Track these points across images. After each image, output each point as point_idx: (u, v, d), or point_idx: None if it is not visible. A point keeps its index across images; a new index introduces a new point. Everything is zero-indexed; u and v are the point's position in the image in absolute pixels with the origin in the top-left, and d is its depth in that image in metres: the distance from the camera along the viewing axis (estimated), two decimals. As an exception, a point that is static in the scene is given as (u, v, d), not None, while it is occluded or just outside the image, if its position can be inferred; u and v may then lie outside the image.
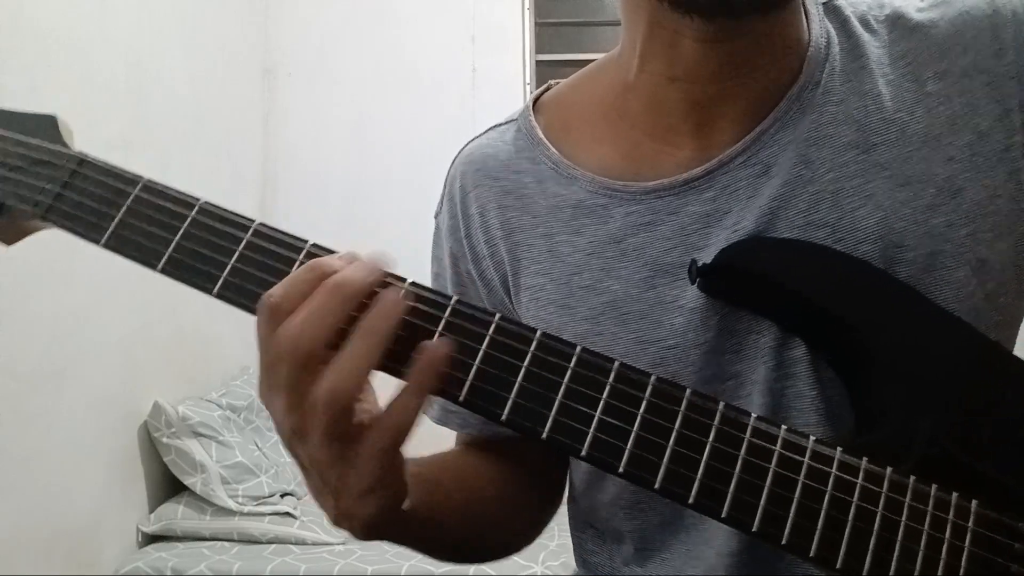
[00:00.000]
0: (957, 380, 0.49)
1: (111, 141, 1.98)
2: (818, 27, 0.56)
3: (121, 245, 0.47)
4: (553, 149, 0.61)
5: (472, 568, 1.99)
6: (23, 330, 1.76)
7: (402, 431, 0.43)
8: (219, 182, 2.60)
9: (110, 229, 0.47)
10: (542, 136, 0.62)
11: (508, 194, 0.62)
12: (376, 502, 0.45)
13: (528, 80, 2.95)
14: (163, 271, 0.46)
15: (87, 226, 0.47)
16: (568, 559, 2.29)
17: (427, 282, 0.60)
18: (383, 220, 2.76)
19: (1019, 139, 0.52)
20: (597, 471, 0.59)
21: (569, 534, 0.70)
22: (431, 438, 0.71)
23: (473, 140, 0.68)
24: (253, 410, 2.43)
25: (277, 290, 0.42)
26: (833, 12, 0.58)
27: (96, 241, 0.47)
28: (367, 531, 0.47)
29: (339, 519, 0.47)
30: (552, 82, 0.67)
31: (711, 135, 0.56)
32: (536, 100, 0.66)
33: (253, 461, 2.23)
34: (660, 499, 0.58)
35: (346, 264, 0.43)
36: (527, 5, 2.98)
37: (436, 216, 0.69)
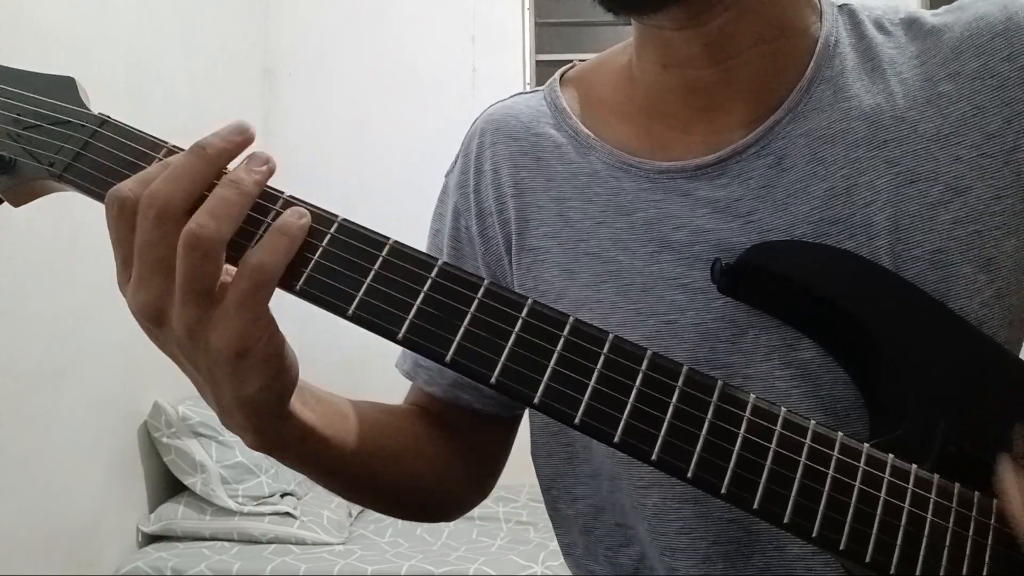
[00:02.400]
0: (970, 383, 0.50)
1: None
2: (831, 25, 0.58)
3: None
4: (575, 119, 0.63)
5: (472, 568, 1.99)
6: (23, 330, 1.76)
7: (267, 271, 0.41)
8: (219, 182, 2.60)
9: None
10: (566, 106, 0.64)
11: (525, 154, 0.64)
12: (254, 372, 0.43)
13: (528, 80, 2.95)
14: None
15: (107, 189, 0.45)
16: (568, 559, 2.25)
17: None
18: (383, 220, 2.74)
19: None
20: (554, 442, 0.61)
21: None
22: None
23: (498, 102, 0.69)
24: (253, 410, 2.43)
25: (128, 183, 0.43)
26: (848, 14, 0.59)
27: None
28: (254, 427, 0.46)
29: (224, 413, 0.46)
30: (577, 60, 0.69)
31: (718, 119, 0.57)
32: (562, 76, 0.68)
33: (253, 461, 2.23)
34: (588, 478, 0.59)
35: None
36: (527, 5, 2.98)
37: (447, 175, 0.70)
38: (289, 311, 0.60)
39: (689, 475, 0.42)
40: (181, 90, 2.38)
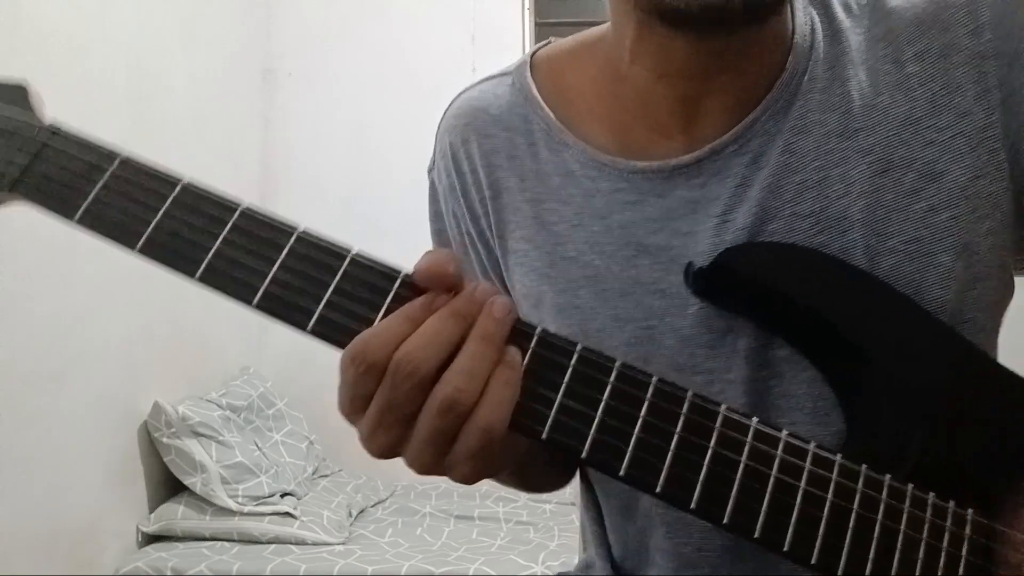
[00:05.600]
0: (949, 390, 0.49)
1: (111, 141, 1.97)
2: (802, 15, 0.56)
3: (96, 223, 0.44)
4: (547, 110, 0.60)
5: (472, 568, 1.99)
6: (23, 330, 1.76)
7: (496, 431, 0.41)
8: (219, 182, 2.58)
9: (84, 205, 0.44)
10: (536, 94, 0.61)
11: (497, 152, 0.61)
12: (489, 476, 0.45)
13: (528, 80, 2.94)
14: (141, 252, 0.43)
15: (59, 201, 0.44)
16: (568, 559, 2.29)
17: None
18: (383, 220, 2.76)
19: (997, 118, 0.51)
20: None
21: (568, 534, 0.70)
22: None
23: (465, 91, 0.66)
24: (253, 410, 2.43)
25: (374, 342, 0.41)
26: (819, 2, 0.57)
27: (69, 217, 0.44)
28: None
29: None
30: (552, 39, 0.66)
31: (696, 129, 0.56)
32: (533, 56, 0.64)
33: (253, 461, 2.23)
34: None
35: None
36: (527, 5, 2.98)
37: (429, 172, 0.68)
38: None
39: (658, 490, 0.41)
40: (181, 90, 2.38)
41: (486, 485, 2.77)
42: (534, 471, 0.65)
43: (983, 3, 0.52)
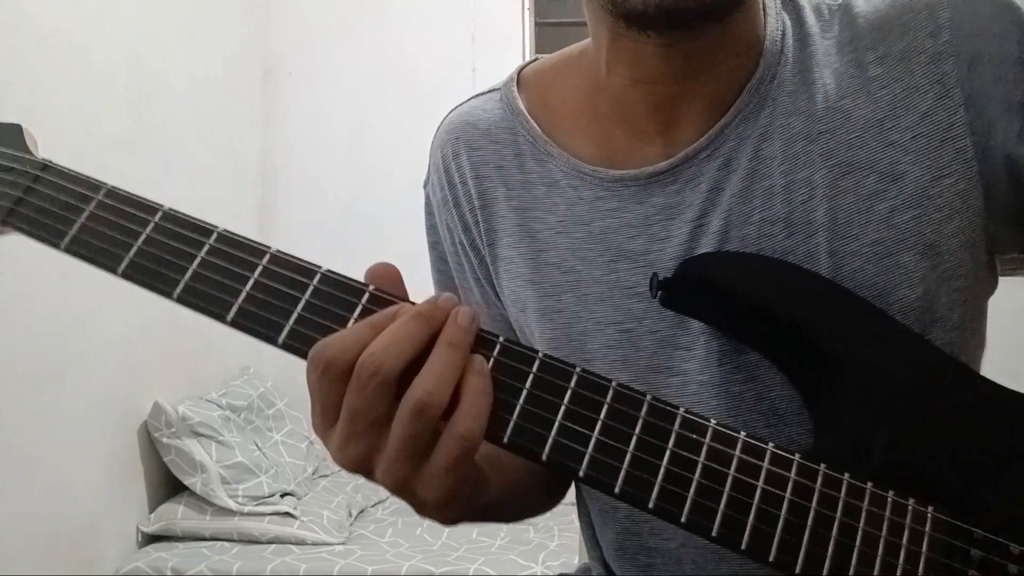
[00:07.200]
0: (913, 391, 0.49)
1: (111, 141, 1.98)
2: (774, 19, 0.57)
3: (81, 250, 0.47)
4: (533, 122, 0.62)
5: (472, 568, 1.99)
6: (23, 330, 1.76)
7: (475, 437, 0.41)
8: (219, 182, 2.60)
9: (71, 234, 0.47)
10: (523, 108, 0.63)
11: (486, 164, 0.63)
12: (458, 507, 0.44)
13: (528, 80, 2.94)
14: (123, 275, 0.46)
15: (48, 231, 0.48)
16: (568, 559, 2.29)
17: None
18: (383, 220, 2.76)
19: (961, 116, 0.51)
20: None
21: (568, 534, 0.70)
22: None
23: (456, 108, 0.68)
24: (253, 410, 2.43)
25: (334, 345, 0.42)
26: (791, 3, 0.58)
27: (56, 246, 0.47)
28: (446, 522, 0.48)
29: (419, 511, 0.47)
30: (538, 56, 0.68)
31: (675, 133, 0.57)
32: (520, 72, 0.67)
33: (253, 461, 2.23)
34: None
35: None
36: (527, 5, 2.98)
37: (424, 186, 0.70)
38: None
39: (616, 491, 0.42)
40: (181, 90, 2.38)
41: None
42: (513, 507, 0.64)
43: (942, 5, 0.53)
